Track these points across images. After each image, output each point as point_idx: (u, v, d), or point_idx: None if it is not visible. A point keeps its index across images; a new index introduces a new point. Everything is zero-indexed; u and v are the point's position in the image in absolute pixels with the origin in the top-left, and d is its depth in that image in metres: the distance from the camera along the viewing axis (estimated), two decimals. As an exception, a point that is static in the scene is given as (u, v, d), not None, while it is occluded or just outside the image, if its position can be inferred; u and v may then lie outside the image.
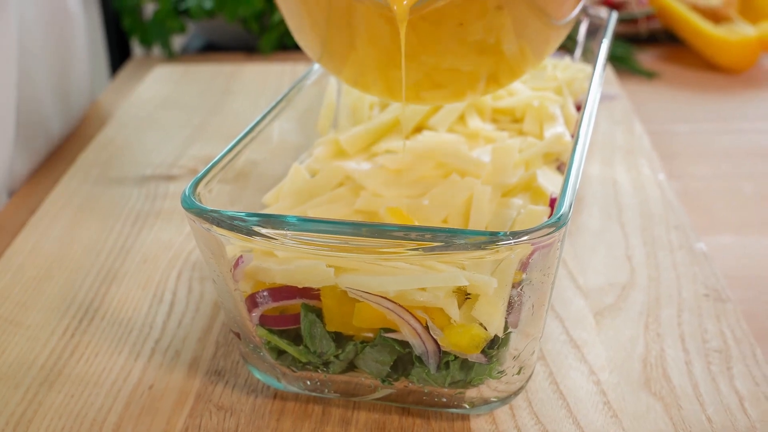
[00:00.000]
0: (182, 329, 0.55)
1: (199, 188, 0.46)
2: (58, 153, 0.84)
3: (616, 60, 1.06)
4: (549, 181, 0.54)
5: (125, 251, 0.64)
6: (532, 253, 0.42)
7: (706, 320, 0.55)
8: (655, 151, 0.81)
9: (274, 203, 0.53)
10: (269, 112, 0.56)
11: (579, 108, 0.68)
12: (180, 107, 0.89)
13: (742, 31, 1.04)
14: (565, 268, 0.61)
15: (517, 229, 0.46)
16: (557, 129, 0.59)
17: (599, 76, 0.60)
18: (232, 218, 0.43)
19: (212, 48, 1.23)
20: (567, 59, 0.71)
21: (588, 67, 0.72)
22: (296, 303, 0.46)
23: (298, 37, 0.54)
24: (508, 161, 0.55)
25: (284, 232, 0.41)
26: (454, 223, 0.50)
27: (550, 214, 0.49)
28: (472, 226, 0.49)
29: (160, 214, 0.68)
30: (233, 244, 0.44)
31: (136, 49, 1.26)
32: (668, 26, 1.13)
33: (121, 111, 0.89)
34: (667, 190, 0.72)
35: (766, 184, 0.79)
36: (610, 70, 0.99)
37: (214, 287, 0.53)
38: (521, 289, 0.43)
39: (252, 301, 0.46)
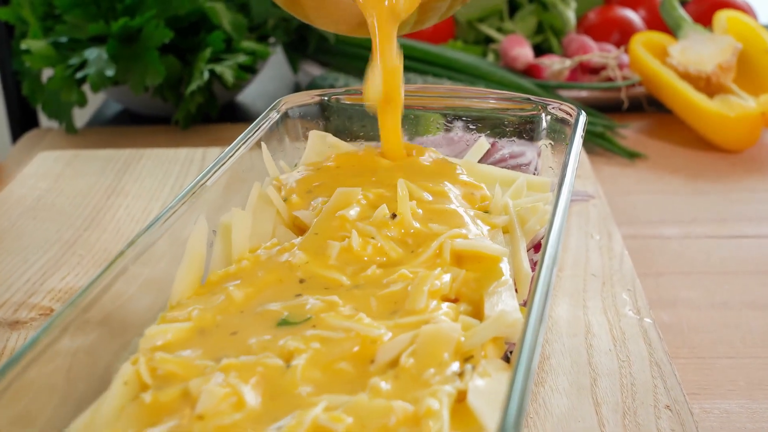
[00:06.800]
0: None
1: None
2: None
3: (593, 137, 0.90)
4: (487, 396, 0.37)
5: None
6: None
7: None
8: (638, 270, 0.64)
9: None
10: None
11: (537, 248, 0.51)
12: (52, 214, 0.72)
13: (741, 104, 0.88)
14: (517, 484, 0.44)
15: None
16: (504, 301, 0.43)
17: (561, 218, 0.44)
18: None
19: (129, 115, 1.06)
20: (522, 177, 0.55)
21: (548, 183, 0.56)
22: None
23: None
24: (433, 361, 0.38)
25: None
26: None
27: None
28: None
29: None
30: None
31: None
32: (655, 95, 0.97)
33: (-20, 219, 0.72)
34: (656, 344, 0.55)
35: (778, 319, 0.62)
36: (584, 157, 0.82)
37: None
38: None
39: None
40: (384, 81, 0.53)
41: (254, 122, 0.57)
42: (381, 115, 0.56)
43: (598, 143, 0.90)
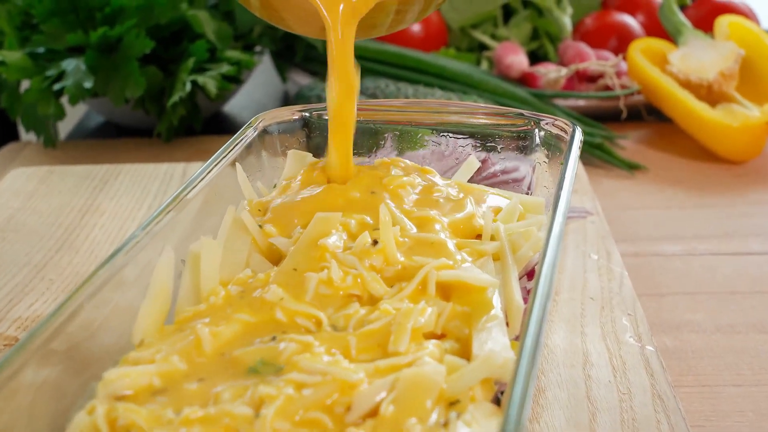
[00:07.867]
0: None
1: None
2: None
3: (591, 149, 0.86)
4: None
5: None
6: None
7: None
8: (639, 291, 0.61)
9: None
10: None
11: (531, 275, 0.48)
12: (23, 235, 0.68)
13: (744, 113, 0.84)
14: None
15: None
16: (494, 338, 0.39)
17: (555, 247, 0.41)
18: None
19: (112, 126, 1.03)
20: (515, 198, 0.51)
21: (542, 204, 0.53)
22: None
23: None
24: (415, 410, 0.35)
25: None
26: None
27: None
28: None
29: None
30: None
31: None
32: (655, 104, 0.93)
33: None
34: (659, 374, 0.52)
35: (789, 344, 0.59)
36: (582, 170, 0.79)
37: None
38: None
39: None
40: (338, 94, 0.50)
41: (229, 140, 0.54)
42: (331, 134, 0.52)
43: (596, 155, 0.86)
